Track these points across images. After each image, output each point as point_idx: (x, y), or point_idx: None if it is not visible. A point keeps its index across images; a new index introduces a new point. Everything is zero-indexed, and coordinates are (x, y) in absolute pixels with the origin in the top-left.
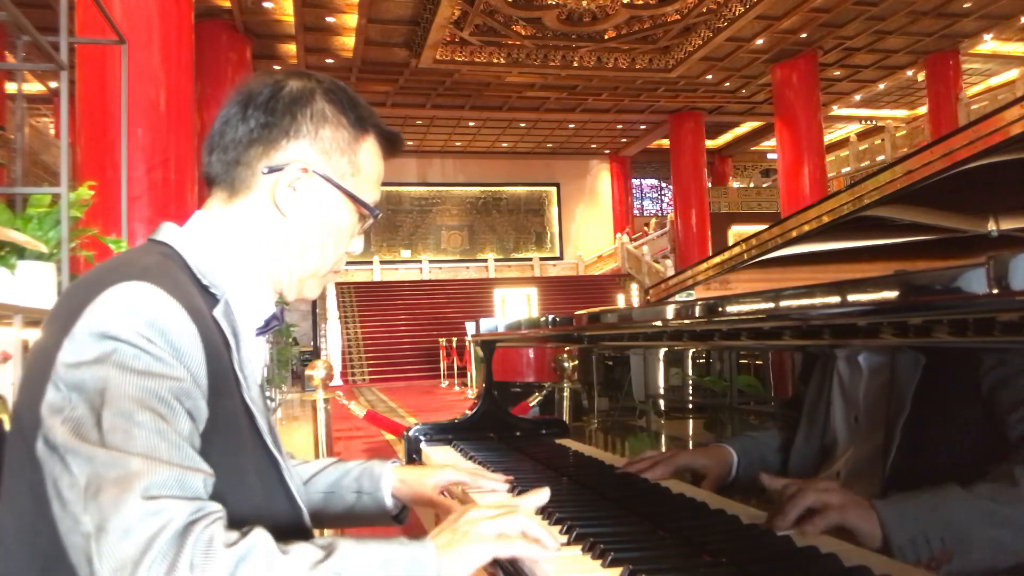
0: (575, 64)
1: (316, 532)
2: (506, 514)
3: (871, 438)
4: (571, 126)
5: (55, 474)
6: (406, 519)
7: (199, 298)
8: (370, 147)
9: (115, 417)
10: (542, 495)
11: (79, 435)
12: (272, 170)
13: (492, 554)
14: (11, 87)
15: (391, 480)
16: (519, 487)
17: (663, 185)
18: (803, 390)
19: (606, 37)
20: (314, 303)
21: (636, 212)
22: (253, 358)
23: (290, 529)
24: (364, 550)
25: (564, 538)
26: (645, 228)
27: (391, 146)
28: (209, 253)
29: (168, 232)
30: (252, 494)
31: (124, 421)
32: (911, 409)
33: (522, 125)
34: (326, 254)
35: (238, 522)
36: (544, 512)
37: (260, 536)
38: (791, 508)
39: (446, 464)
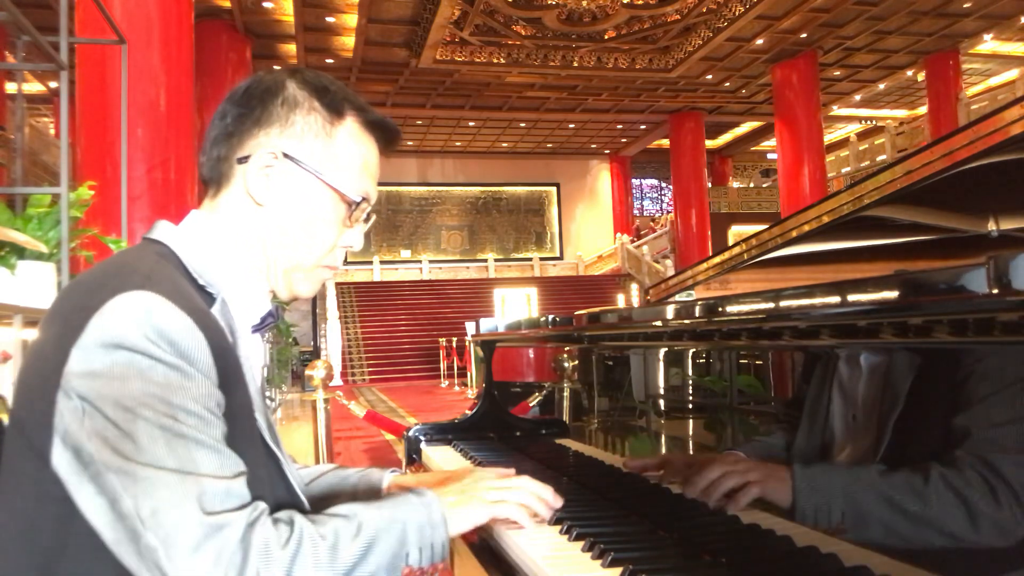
0: (575, 64)
1: None
2: (509, 488)
3: (870, 437)
4: (571, 126)
5: (98, 486)
6: None
7: (198, 299)
8: (350, 131)
9: (151, 431)
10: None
11: (117, 451)
12: (245, 159)
13: (490, 515)
14: (11, 87)
15: (387, 487)
16: None
17: (663, 185)
18: (803, 390)
19: (606, 37)
20: (314, 303)
21: (636, 212)
22: (250, 356)
23: None
24: (384, 515)
25: (570, 542)
26: (652, 224)
27: (382, 133)
28: (203, 252)
29: (163, 231)
30: (261, 487)
31: (162, 435)
32: (909, 408)
33: (522, 125)
34: (310, 244)
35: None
36: None
37: (301, 526)
38: (709, 485)
39: (445, 471)
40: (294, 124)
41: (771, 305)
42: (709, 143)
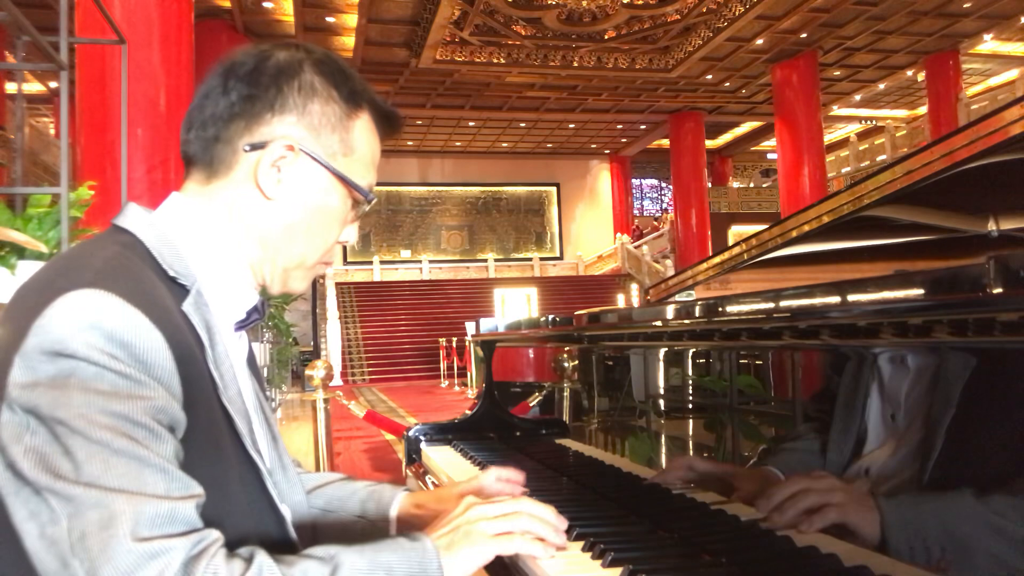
0: (575, 64)
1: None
2: (510, 515)
3: (910, 443)
4: (571, 126)
5: (31, 509)
6: None
7: (165, 293)
8: (364, 125)
9: (89, 446)
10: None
11: (50, 470)
12: (255, 147)
13: (494, 553)
14: (11, 87)
15: (401, 508)
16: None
17: (663, 185)
18: (803, 390)
19: (606, 37)
20: (314, 303)
21: (636, 212)
22: (231, 353)
23: (274, 539)
24: (366, 560)
25: (570, 542)
26: (655, 223)
27: (388, 124)
28: (178, 239)
29: (132, 217)
30: (235, 505)
31: (100, 451)
32: (911, 410)
33: (522, 125)
34: (314, 242)
35: (225, 538)
36: None
37: (261, 562)
38: (791, 507)
39: (463, 483)
40: (311, 114)
41: (771, 305)
42: (709, 143)
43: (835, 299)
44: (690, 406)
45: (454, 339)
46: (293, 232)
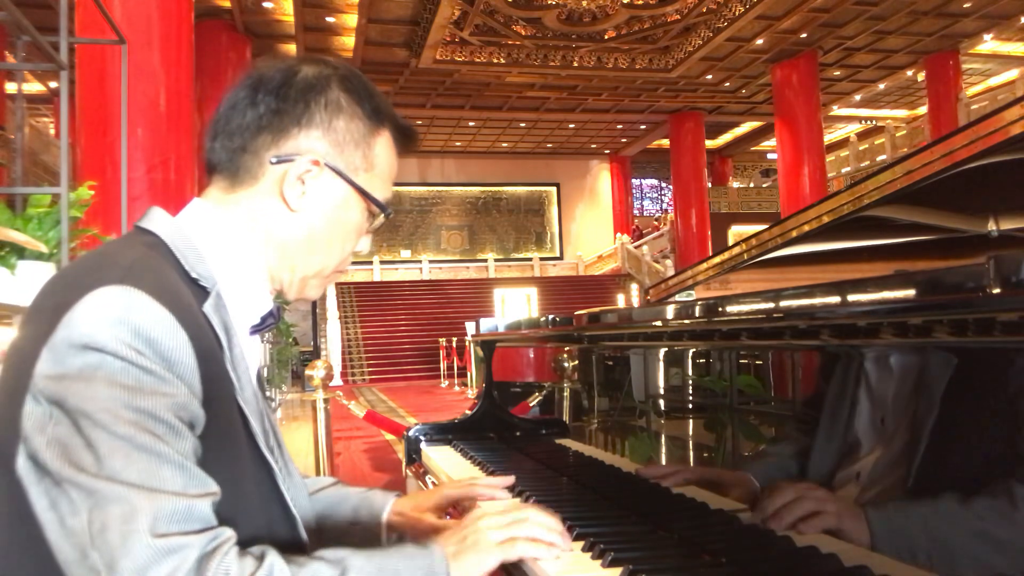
0: (575, 64)
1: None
2: (515, 522)
3: (897, 445)
4: (571, 126)
5: (52, 499)
6: None
7: (188, 294)
8: (385, 141)
9: (112, 441)
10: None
11: (72, 462)
12: (281, 160)
13: (498, 561)
14: (11, 87)
15: (389, 514)
16: (521, 488)
17: (663, 185)
18: (803, 390)
19: (606, 37)
20: (314, 303)
21: (636, 212)
22: (246, 355)
23: (285, 540)
24: (374, 565)
25: (577, 544)
26: (655, 223)
27: (406, 141)
28: (200, 243)
29: (156, 220)
30: (248, 503)
31: (123, 446)
32: (909, 411)
33: (522, 125)
34: (332, 253)
35: (238, 536)
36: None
37: (272, 562)
38: (782, 514)
39: (441, 485)
40: (336, 130)
41: (771, 305)
42: (709, 143)
43: (835, 299)
44: (690, 406)
45: (454, 339)
46: (313, 243)
